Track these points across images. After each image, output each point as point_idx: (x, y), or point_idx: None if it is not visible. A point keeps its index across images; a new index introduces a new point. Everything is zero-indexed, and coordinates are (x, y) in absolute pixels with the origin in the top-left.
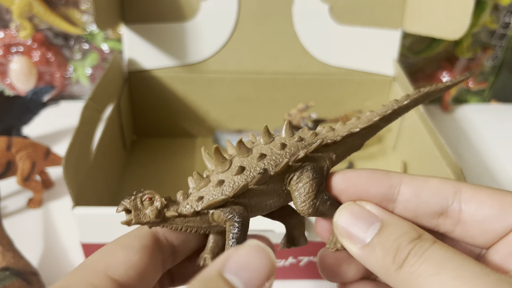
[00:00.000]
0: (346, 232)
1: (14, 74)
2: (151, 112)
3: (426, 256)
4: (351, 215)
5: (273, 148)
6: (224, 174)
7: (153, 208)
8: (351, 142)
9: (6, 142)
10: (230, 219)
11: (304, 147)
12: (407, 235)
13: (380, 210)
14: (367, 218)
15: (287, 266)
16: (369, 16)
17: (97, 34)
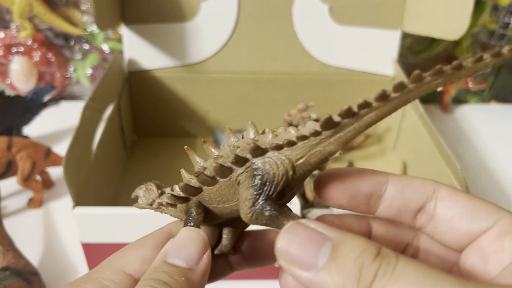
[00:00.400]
0: (292, 258)
1: (15, 74)
2: (151, 112)
3: (397, 274)
4: (295, 237)
5: (226, 150)
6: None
7: (149, 196)
8: (318, 143)
9: (6, 142)
10: (186, 212)
11: (244, 149)
12: (367, 252)
13: (326, 227)
14: (315, 238)
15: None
16: (369, 17)
17: (97, 34)
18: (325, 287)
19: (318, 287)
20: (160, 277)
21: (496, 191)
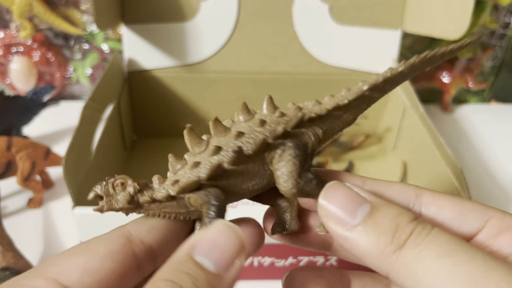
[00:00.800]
0: (332, 212)
1: (14, 74)
2: (151, 112)
3: (431, 237)
4: (337, 194)
5: (252, 125)
6: (200, 155)
7: (125, 193)
8: (341, 116)
9: (6, 142)
10: (206, 202)
11: (285, 122)
12: (404, 215)
13: (367, 192)
14: (356, 197)
15: (287, 265)
16: (369, 16)
17: (97, 34)
18: (359, 242)
19: (353, 243)
20: (182, 282)
21: (496, 191)
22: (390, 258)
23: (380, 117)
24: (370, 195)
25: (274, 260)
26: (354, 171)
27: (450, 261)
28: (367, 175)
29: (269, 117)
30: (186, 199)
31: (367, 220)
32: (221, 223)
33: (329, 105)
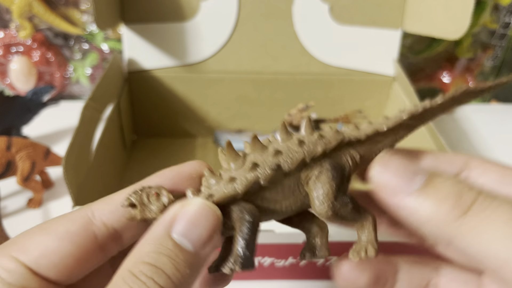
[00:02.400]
0: (388, 181)
1: (14, 74)
2: (151, 112)
3: (499, 202)
4: (393, 163)
5: (290, 145)
6: (236, 171)
7: (159, 204)
8: (379, 142)
9: (6, 142)
10: (240, 218)
11: (324, 144)
12: (464, 183)
13: (420, 166)
14: (411, 166)
15: (287, 266)
16: (369, 16)
17: (97, 34)
18: (419, 209)
19: (411, 210)
20: (165, 268)
21: None
22: (454, 224)
23: (381, 117)
24: (424, 167)
25: (274, 260)
26: None
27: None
28: None
29: (307, 138)
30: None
31: (427, 187)
32: (199, 201)
33: (368, 131)
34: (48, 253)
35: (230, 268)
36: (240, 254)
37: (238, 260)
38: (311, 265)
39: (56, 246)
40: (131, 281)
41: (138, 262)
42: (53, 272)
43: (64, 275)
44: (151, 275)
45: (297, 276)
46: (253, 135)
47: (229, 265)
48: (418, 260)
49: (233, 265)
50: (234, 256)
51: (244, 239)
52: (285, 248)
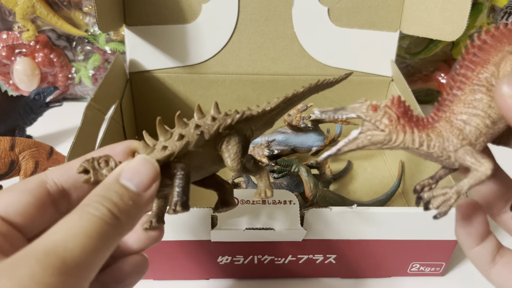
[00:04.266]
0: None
1: (18, 75)
2: (152, 112)
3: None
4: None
5: (205, 121)
6: (167, 141)
7: (108, 167)
8: (266, 119)
9: (9, 142)
10: (174, 172)
11: (230, 118)
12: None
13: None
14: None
15: (286, 264)
16: (367, 18)
17: (99, 35)
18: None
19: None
20: (112, 197)
21: None
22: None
23: None
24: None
25: (274, 258)
26: (353, 170)
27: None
28: (365, 174)
29: (218, 116)
30: None
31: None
32: (141, 156)
33: (259, 110)
34: (13, 203)
35: (173, 209)
36: (179, 198)
37: (178, 202)
38: (311, 263)
39: (19, 198)
40: (84, 207)
41: (91, 196)
42: (19, 218)
43: (28, 221)
44: (100, 201)
45: (296, 274)
46: (177, 115)
47: (171, 207)
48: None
49: (174, 207)
50: (174, 201)
51: (179, 187)
52: (285, 247)
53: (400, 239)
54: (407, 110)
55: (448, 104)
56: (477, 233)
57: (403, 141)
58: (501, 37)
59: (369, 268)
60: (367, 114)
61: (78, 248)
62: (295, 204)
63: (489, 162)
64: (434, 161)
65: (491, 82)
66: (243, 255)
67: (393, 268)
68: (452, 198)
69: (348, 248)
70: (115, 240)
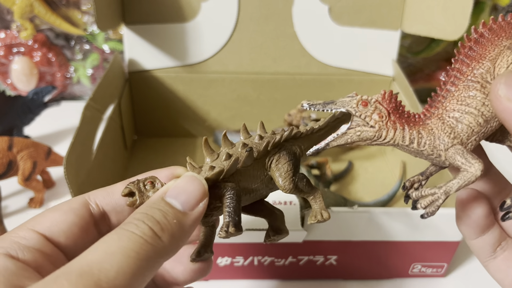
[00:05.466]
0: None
1: (15, 74)
2: (151, 112)
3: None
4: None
5: (252, 140)
6: (213, 162)
7: (154, 189)
8: (314, 138)
9: (7, 142)
10: (224, 193)
11: (279, 135)
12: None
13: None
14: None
15: (286, 265)
16: (368, 17)
17: (98, 34)
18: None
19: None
20: (154, 214)
21: None
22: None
23: None
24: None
25: (274, 259)
26: (354, 171)
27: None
28: (367, 174)
29: (265, 134)
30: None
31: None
32: (189, 173)
33: (308, 128)
34: (58, 223)
35: (225, 231)
36: (230, 218)
37: (230, 223)
38: (312, 265)
39: (64, 218)
40: (124, 225)
41: (134, 213)
42: (63, 238)
43: (71, 242)
44: (141, 218)
45: (297, 276)
46: (223, 134)
47: (223, 229)
48: None
49: (226, 228)
50: (226, 221)
51: (230, 207)
52: (285, 248)
53: (401, 240)
54: (399, 105)
55: (441, 100)
56: (477, 225)
57: (393, 138)
58: (499, 31)
59: (371, 269)
60: (357, 109)
61: (114, 268)
62: (296, 204)
63: (479, 163)
64: (424, 159)
65: (486, 78)
66: (243, 256)
67: (394, 270)
68: (440, 199)
69: (349, 249)
70: (156, 262)
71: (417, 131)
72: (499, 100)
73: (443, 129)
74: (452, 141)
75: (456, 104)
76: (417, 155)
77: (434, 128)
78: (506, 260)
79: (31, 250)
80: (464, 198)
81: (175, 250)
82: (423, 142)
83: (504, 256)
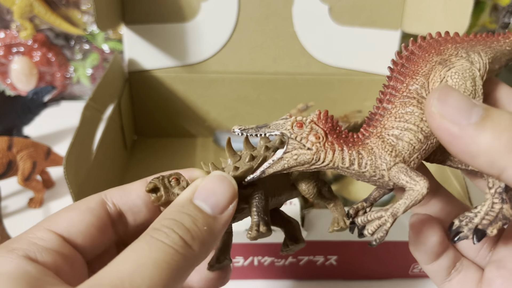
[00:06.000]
0: (447, 111)
1: (15, 74)
2: (151, 112)
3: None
4: (451, 95)
5: (273, 143)
6: (236, 163)
7: (180, 186)
8: None
9: (7, 142)
10: (252, 193)
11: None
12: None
13: (476, 100)
14: (467, 101)
15: (287, 265)
16: (368, 17)
17: (97, 34)
18: (476, 140)
19: (468, 141)
20: (184, 221)
21: None
22: (510, 155)
23: None
24: (479, 102)
25: (274, 259)
26: None
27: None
28: None
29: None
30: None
31: (485, 119)
32: (217, 173)
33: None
34: (75, 223)
35: (256, 230)
36: (260, 217)
37: (261, 222)
38: (312, 265)
39: (81, 218)
40: (153, 233)
41: (161, 219)
42: (80, 238)
43: (89, 243)
44: (171, 226)
45: (297, 276)
46: (244, 139)
47: (253, 228)
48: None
49: (256, 227)
50: (255, 221)
51: (259, 207)
52: None
53: (401, 240)
54: (335, 125)
55: (378, 119)
56: (432, 251)
57: (332, 160)
58: (428, 48)
59: (370, 269)
60: (292, 131)
61: (146, 282)
62: (296, 205)
63: (424, 181)
64: (367, 182)
65: (422, 94)
66: (243, 256)
67: (394, 270)
68: (388, 222)
69: (349, 250)
70: (187, 272)
71: (356, 152)
72: (433, 117)
73: (384, 148)
74: (394, 159)
75: (395, 121)
76: (359, 177)
77: (375, 147)
78: (461, 282)
79: (50, 252)
80: (417, 224)
81: (205, 257)
82: (364, 162)
83: (459, 279)
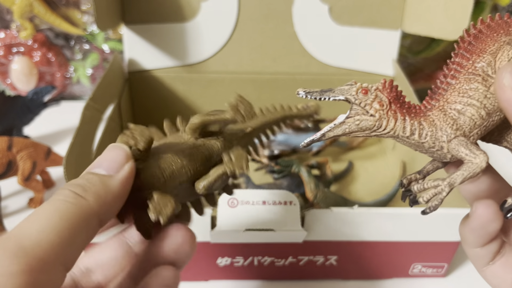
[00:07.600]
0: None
1: (15, 74)
2: (151, 112)
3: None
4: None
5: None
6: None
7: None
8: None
9: (7, 142)
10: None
11: None
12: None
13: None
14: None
15: (286, 265)
16: (368, 17)
17: (97, 34)
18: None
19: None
20: (77, 181)
21: None
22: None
23: None
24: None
25: (274, 259)
26: (354, 171)
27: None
28: (367, 175)
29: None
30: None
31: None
32: (111, 144)
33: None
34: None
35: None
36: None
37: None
38: (312, 265)
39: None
40: (51, 198)
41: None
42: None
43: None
44: (65, 187)
45: (297, 276)
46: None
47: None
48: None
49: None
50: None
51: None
52: (285, 248)
53: (401, 241)
54: (399, 95)
55: (441, 93)
56: (490, 235)
57: (393, 129)
58: (497, 28)
59: (371, 269)
60: (357, 97)
61: (35, 228)
62: (296, 205)
63: (484, 155)
64: (424, 153)
65: (488, 72)
66: (243, 256)
67: (394, 270)
68: (444, 191)
69: (349, 250)
70: (85, 221)
71: (418, 122)
72: (503, 89)
73: (446, 121)
74: (455, 132)
75: (458, 96)
76: (417, 148)
77: (436, 120)
78: (504, 266)
79: None
80: (483, 208)
81: (106, 209)
82: (424, 133)
83: (502, 262)
